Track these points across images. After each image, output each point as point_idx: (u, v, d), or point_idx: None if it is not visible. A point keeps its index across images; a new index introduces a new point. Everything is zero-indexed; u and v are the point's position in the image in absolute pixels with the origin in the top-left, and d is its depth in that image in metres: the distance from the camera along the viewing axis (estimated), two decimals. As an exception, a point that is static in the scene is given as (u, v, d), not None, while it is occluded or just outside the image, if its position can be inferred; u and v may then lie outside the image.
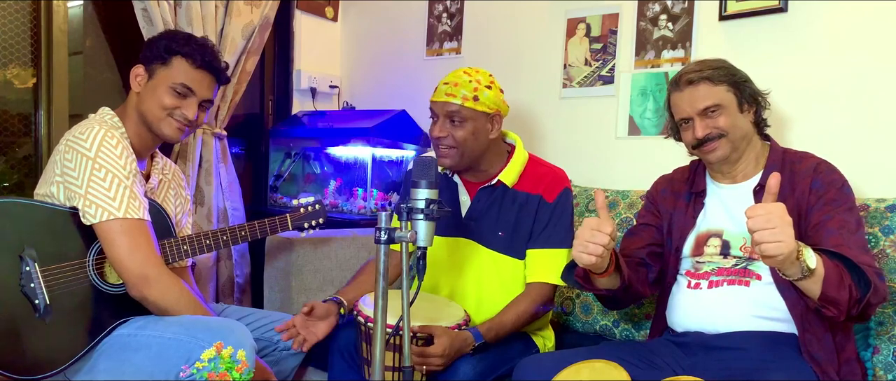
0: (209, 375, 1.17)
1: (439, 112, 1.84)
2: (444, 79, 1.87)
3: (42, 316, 1.57)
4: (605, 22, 2.47)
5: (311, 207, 2.10)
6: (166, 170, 1.95)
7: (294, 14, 3.10)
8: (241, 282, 2.80)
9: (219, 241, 1.87)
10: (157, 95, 1.74)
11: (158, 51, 1.75)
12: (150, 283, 1.62)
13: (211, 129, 2.68)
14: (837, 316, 1.40)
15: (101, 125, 1.66)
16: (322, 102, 3.22)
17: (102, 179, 1.61)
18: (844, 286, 1.38)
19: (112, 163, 1.62)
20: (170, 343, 1.60)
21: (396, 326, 1.38)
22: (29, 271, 1.57)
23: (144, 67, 1.77)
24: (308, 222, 2.10)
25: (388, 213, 1.30)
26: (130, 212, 1.62)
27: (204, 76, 1.78)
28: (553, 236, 1.87)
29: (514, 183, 1.90)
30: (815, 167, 1.61)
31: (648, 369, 1.58)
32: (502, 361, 1.79)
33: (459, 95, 1.81)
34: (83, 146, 1.62)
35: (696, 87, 1.64)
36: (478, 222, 1.91)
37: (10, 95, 2.43)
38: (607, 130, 2.47)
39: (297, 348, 1.86)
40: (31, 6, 2.42)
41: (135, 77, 1.78)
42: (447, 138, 1.83)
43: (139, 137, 1.78)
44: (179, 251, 1.79)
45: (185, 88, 1.75)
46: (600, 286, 1.66)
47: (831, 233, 1.50)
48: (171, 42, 1.76)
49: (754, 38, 2.16)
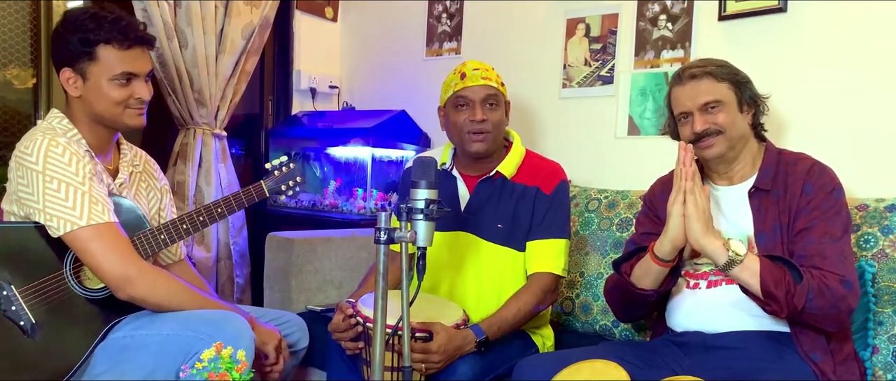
0: (209, 375, 1.17)
1: (474, 97, 1.86)
2: (468, 67, 1.90)
3: (31, 336, 1.54)
4: (604, 22, 2.47)
5: (285, 167, 1.94)
6: (137, 160, 1.86)
7: (294, 14, 3.10)
8: (241, 282, 2.80)
9: (195, 222, 1.75)
10: (103, 94, 1.64)
11: (75, 48, 1.62)
12: (133, 282, 1.57)
13: (210, 129, 2.68)
14: (779, 313, 1.46)
15: (45, 134, 1.58)
16: (322, 102, 3.22)
17: (56, 191, 1.54)
18: (782, 283, 1.44)
19: (61, 171, 1.55)
20: (168, 340, 1.57)
21: (395, 326, 1.38)
22: (7, 296, 1.53)
23: (71, 69, 1.64)
24: (285, 184, 1.93)
25: (388, 213, 1.30)
26: (94, 217, 1.55)
27: (137, 53, 1.66)
28: (552, 227, 1.88)
29: (513, 175, 1.92)
30: (808, 169, 1.61)
31: (648, 368, 1.58)
32: (501, 360, 1.79)
33: (493, 79, 1.89)
34: (29, 161, 1.55)
35: (698, 81, 1.64)
36: (477, 215, 1.92)
37: (10, 96, 2.43)
38: (607, 130, 2.47)
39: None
40: (30, 6, 2.42)
41: (68, 82, 1.65)
42: (486, 122, 1.86)
43: (94, 135, 1.69)
44: (156, 242, 1.70)
45: (129, 74, 1.65)
46: (647, 284, 1.63)
47: (811, 242, 1.52)
48: (85, 33, 1.61)
49: (753, 38, 2.16)
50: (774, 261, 1.49)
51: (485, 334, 1.73)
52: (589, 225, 2.24)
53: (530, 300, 1.83)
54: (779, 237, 1.58)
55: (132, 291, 1.58)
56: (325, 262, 2.45)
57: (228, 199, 1.82)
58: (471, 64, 1.91)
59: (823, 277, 1.45)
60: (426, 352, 1.63)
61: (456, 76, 1.90)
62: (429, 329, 1.66)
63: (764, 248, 1.59)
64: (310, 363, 2.12)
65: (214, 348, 1.19)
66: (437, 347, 1.64)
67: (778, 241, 1.58)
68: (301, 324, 2.02)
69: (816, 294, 1.43)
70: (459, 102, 1.88)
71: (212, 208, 1.79)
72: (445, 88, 1.94)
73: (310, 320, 2.11)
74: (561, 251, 1.88)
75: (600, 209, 2.25)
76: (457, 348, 1.68)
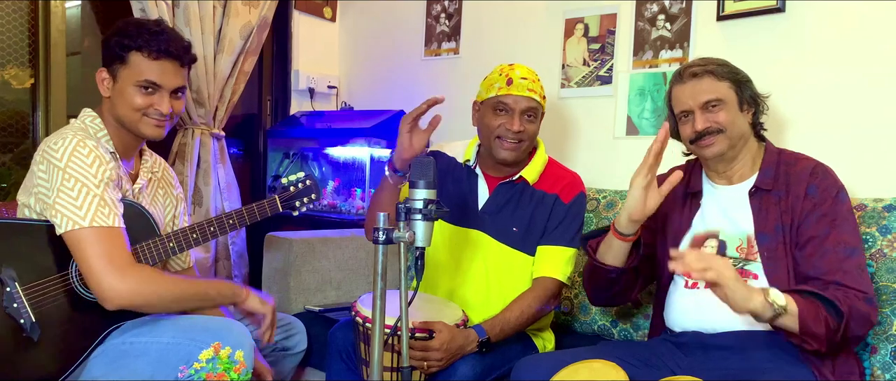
0: (207, 376, 1.17)
1: (516, 107, 1.84)
2: (514, 72, 1.87)
3: (29, 334, 1.54)
4: (603, 22, 2.47)
5: (301, 183, 1.94)
6: (156, 168, 1.89)
7: (292, 14, 3.10)
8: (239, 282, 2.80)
9: (206, 232, 1.77)
10: (126, 97, 1.67)
11: (114, 50, 1.68)
12: (116, 290, 1.53)
13: (209, 129, 2.68)
14: (820, 348, 1.43)
15: (76, 134, 1.61)
16: (320, 102, 3.22)
17: (71, 189, 1.56)
18: (820, 319, 1.41)
19: (82, 172, 1.57)
20: (169, 348, 1.57)
21: (394, 326, 1.38)
22: (10, 292, 1.53)
23: (107, 69, 1.71)
24: (299, 200, 1.93)
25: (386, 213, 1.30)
26: (98, 220, 1.55)
27: (165, 65, 1.69)
28: (564, 235, 1.89)
29: (535, 181, 1.92)
30: (811, 170, 1.61)
31: (646, 369, 1.59)
32: (501, 361, 1.79)
33: (538, 92, 1.87)
34: (55, 157, 1.57)
35: (699, 80, 1.64)
36: (493, 216, 1.92)
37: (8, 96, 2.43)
38: (605, 130, 2.47)
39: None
40: (28, 6, 2.42)
41: (101, 81, 1.72)
42: (522, 133, 1.85)
43: (120, 139, 1.73)
44: (165, 249, 1.71)
45: (151, 84, 1.67)
46: (609, 259, 1.66)
47: (826, 253, 1.51)
48: (124, 38, 1.67)
49: (752, 38, 2.16)
50: (805, 296, 1.45)
51: (487, 334, 1.73)
52: (587, 225, 2.24)
53: (533, 303, 1.83)
54: (780, 237, 1.58)
55: (119, 300, 1.54)
56: (324, 262, 2.45)
57: (241, 211, 1.83)
58: (519, 70, 1.88)
59: (849, 300, 1.44)
60: (427, 350, 1.63)
61: (502, 79, 1.86)
62: (430, 328, 1.66)
63: (765, 248, 1.59)
64: (308, 364, 2.12)
65: (212, 348, 1.19)
66: (440, 345, 1.64)
67: (780, 241, 1.58)
68: (299, 326, 2.02)
69: (850, 322, 1.43)
70: (499, 107, 1.86)
71: (223, 219, 1.80)
72: (488, 86, 1.90)
73: (308, 320, 2.12)
74: (569, 260, 1.89)
75: (599, 209, 2.25)
76: (459, 347, 1.68)
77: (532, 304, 1.83)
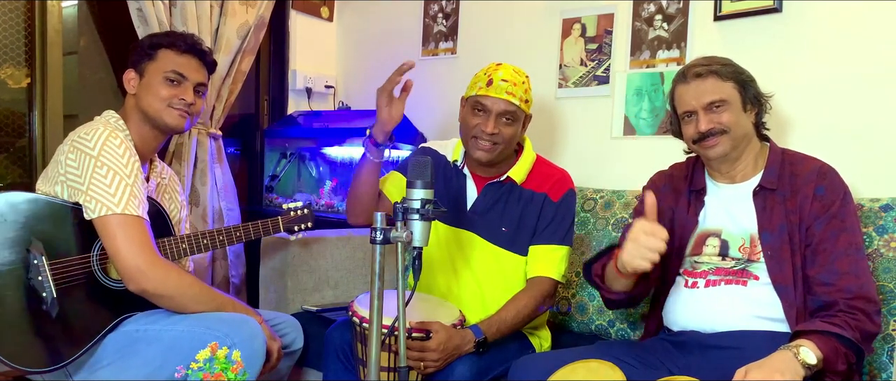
0: (204, 375, 1.17)
1: (492, 108, 1.82)
2: (498, 73, 1.84)
3: (49, 308, 1.60)
4: (600, 22, 2.47)
5: (300, 210, 2.18)
6: (164, 174, 1.99)
7: (289, 14, 3.09)
8: (236, 282, 2.80)
9: (215, 241, 1.93)
10: (152, 89, 1.79)
11: (143, 50, 1.83)
12: (145, 274, 1.63)
13: (206, 128, 2.67)
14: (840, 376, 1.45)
15: (106, 127, 1.70)
16: (317, 102, 3.21)
17: (104, 176, 1.64)
18: (840, 356, 1.42)
19: (115, 161, 1.66)
20: (182, 335, 1.63)
21: (391, 326, 1.38)
22: (37, 265, 1.60)
23: (133, 69, 1.83)
24: (297, 225, 2.17)
25: (384, 213, 1.30)
26: (129, 208, 1.64)
27: (191, 60, 1.84)
28: (556, 234, 1.89)
29: (523, 180, 1.92)
30: (818, 171, 1.61)
31: (644, 368, 1.58)
32: (499, 361, 1.79)
33: (517, 95, 1.83)
34: (87, 146, 1.66)
35: (703, 80, 1.64)
36: (482, 216, 1.92)
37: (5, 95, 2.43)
38: (603, 130, 2.47)
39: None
40: (25, 6, 2.41)
41: (128, 81, 1.84)
42: (497, 135, 1.83)
43: (142, 138, 1.82)
44: (178, 250, 1.85)
45: (177, 75, 1.81)
46: (618, 288, 1.66)
47: (838, 256, 1.53)
48: (154, 38, 1.85)
49: (749, 38, 2.17)
50: (823, 336, 1.43)
51: (484, 334, 1.73)
52: (585, 225, 2.24)
53: (529, 303, 1.83)
54: (785, 236, 1.58)
55: (144, 283, 1.64)
56: (321, 262, 2.44)
57: (248, 227, 2.02)
58: (503, 71, 1.85)
59: (859, 323, 1.45)
60: (424, 351, 1.63)
61: (484, 78, 1.85)
62: (427, 329, 1.66)
63: (768, 246, 1.59)
64: (305, 364, 2.12)
65: (209, 348, 1.18)
66: (437, 345, 1.64)
67: (785, 240, 1.58)
68: (296, 325, 2.02)
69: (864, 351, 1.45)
70: (478, 107, 1.85)
71: (231, 231, 1.98)
72: (472, 83, 1.89)
73: (305, 320, 2.12)
74: (562, 258, 1.89)
75: (596, 209, 2.25)
76: (456, 347, 1.68)
77: (528, 304, 1.83)
